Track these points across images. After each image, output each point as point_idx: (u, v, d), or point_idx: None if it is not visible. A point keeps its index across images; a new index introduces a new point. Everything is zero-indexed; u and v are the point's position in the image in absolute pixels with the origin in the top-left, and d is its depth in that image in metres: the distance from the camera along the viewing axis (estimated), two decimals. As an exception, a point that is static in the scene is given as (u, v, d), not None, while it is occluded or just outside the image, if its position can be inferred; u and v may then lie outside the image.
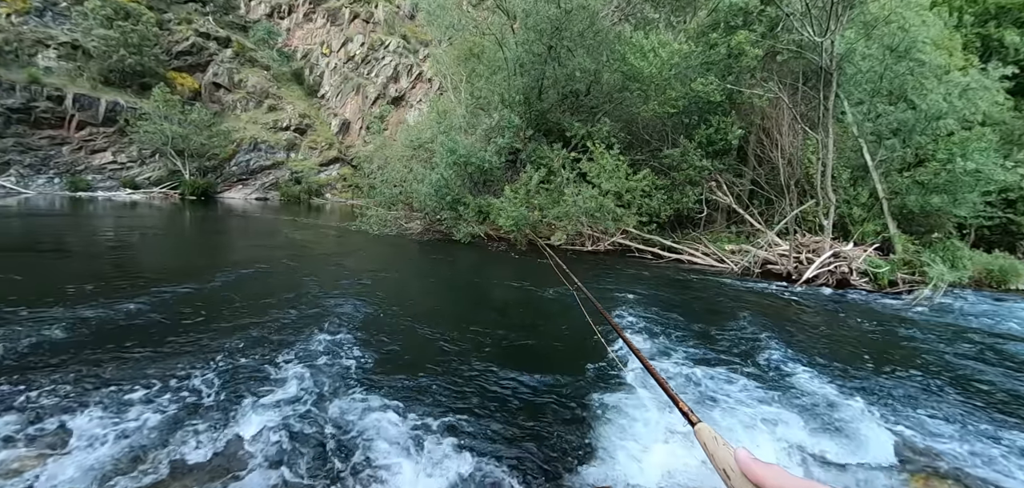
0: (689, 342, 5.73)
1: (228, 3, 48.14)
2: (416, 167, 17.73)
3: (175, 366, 4.21)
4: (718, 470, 0.86)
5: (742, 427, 3.67)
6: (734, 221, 14.72)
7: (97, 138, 32.16)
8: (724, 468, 0.83)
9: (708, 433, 0.95)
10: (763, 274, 11.24)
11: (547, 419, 3.69)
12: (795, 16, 11.98)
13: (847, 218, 12.58)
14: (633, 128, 16.24)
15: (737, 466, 0.78)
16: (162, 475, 2.78)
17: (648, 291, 8.85)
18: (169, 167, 34.64)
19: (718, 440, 0.91)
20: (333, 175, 44.36)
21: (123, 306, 5.91)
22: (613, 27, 17.46)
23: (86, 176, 31.09)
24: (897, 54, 11.88)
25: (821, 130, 11.73)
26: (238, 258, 11.42)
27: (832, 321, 7.64)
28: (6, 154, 27.92)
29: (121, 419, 3.30)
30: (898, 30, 11.69)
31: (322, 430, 3.34)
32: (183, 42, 39.69)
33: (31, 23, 31.52)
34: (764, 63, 14.48)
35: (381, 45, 49.41)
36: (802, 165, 13.38)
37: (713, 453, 0.90)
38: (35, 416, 3.26)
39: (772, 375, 4.80)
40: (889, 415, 4.05)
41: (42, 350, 4.41)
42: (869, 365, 5.31)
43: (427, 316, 6.55)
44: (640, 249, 13.64)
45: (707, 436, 0.94)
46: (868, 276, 10.38)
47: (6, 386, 3.62)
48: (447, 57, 23.79)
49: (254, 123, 41.33)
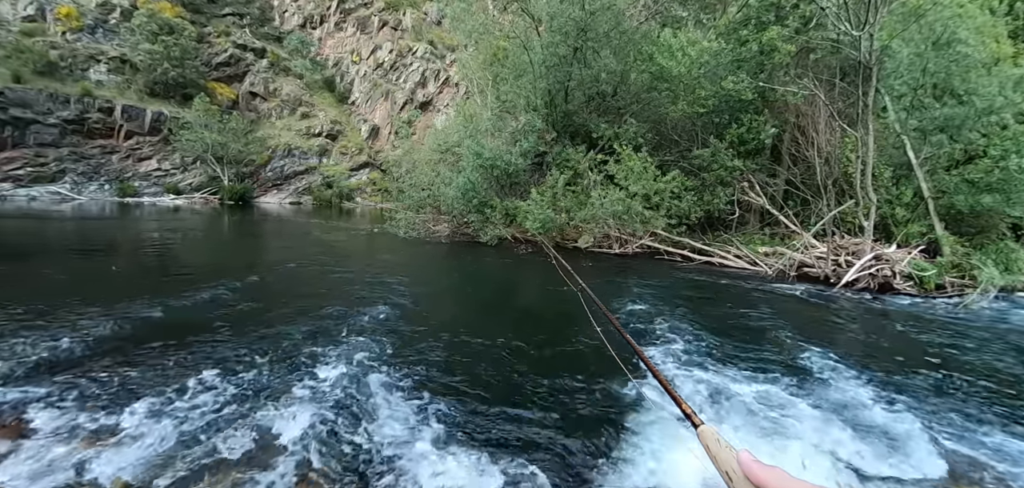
0: (722, 348, 5.59)
1: (264, 15, 49.92)
2: (443, 170, 17.91)
3: (217, 361, 4.40)
4: (721, 472, 0.86)
5: (779, 440, 3.53)
6: (767, 222, 14.28)
7: (143, 146, 33.83)
8: (727, 470, 0.83)
9: (711, 435, 0.95)
10: (799, 277, 10.86)
11: (558, 423, 3.69)
12: (830, 10, 11.54)
13: (889, 219, 12.01)
14: (661, 128, 15.97)
15: (739, 468, 0.78)
16: (202, 464, 2.91)
17: (678, 294, 8.69)
18: (209, 173, 36.10)
19: (720, 442, 0.91)
20: (363, 179, 45.29)
21: (169, 304, 6.22)
22: (640, 26, 17.23)
23: (133, 182, 32.75)
24: (940, 45, 11.28)
25: (860, 127, 11.25)
26: (274, 259, 11.81)
27: (875, 326, 7.31)
28: (61, 162, 29.68)
29: (167, 410, 3.49)
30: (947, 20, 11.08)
31: (353, 427, 3.42)
32: (222, 54, 41.35)
33: (84, 40, 33.46)
34: (798, 59, 14.01)
35: (409, 51, 50.24)
36: (840, 164, 12.86)
37: (716, 455, 0.90)
38: (88, 407, 3.47)
39: (811, 384, 4.63)
40: (939, 428, 3.83)
41: (94, 345, 4.67)
42: (916, 374, 5.05)
43: (453, 317, 6.62)
44: (669, 251, 13.40)
45: (710, 438, 0.94)
46: (913, 279, 9.88)
47: (62, 379, 3.85)
48: (473, 61, 23.99)
49: (288, 130, 42.66)
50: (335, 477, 2.92)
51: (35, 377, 3.90)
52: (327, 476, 2.92)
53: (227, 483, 2.78)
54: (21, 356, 4.25)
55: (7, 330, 4.87)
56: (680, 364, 4.98)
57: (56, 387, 3.73)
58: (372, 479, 2.91)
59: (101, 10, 35.18)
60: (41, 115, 28.49)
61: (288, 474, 2.89)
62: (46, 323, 5.17)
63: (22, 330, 4.89)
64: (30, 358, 4.24)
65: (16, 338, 4.65)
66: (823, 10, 11.87)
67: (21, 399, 3.51)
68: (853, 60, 11.58)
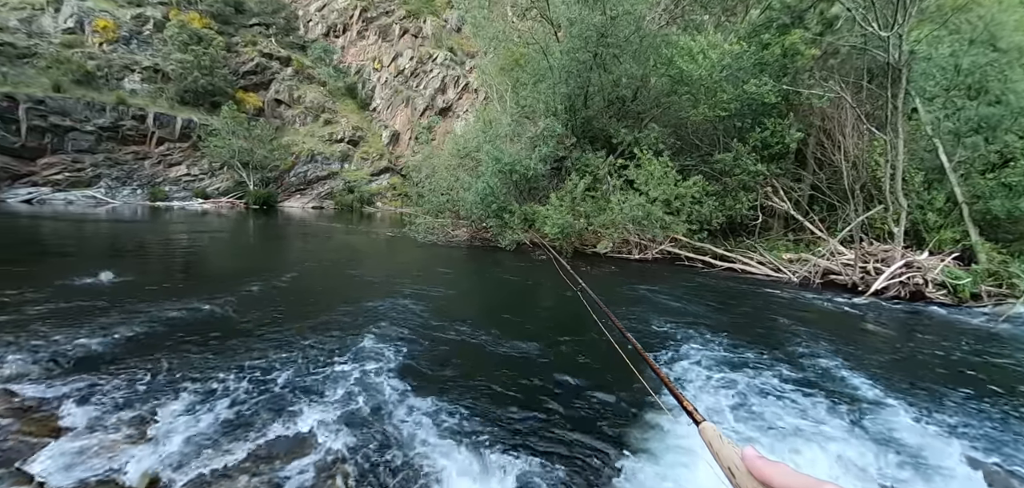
0: (744, 356, 5.48)
1: (289, 25, 51.20)
2: (462, 176, 18.03)
3: (242, 359, 4.54)
4: (722, 468, 0.84)
5: (806, 452, 3.43)
6: (792, 228, 13.96)
7: (174, 152, 34.97)
8: (729, 466, 0.82)
9: (712, 432, 0.94)
10: (825, 285, 10.58)
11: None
12: (857, 11, 11.26)
13: (921, 225, 11.62)
14: (682, 132, 15.78)
15: (743, 464, 0.77)
16: (227, 460, 3.00)
17: (699, 301, 8.56)
18: (235, 178, 37.08)
19: (722, 438, 0.90)
20: (383, 184, 45.91)
21: (196, 304, 6.41)
22: (660, 30, 17.09)
23: (164, 187, 33.86)
24: (978, 42, 10.88)
25: (889, 130, 10.93)
26: (298, 262, 12.04)
27: (906, 337, 7.07)
28: (97, 168, 30.89)
29: (195, 407, 3.61)
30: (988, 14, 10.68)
31: (373, 426, 3.48)
32: (249, 62, 42.53)
33: (120, 50, 34.83)
34: (823, 61, 13.70)
35: (429, 58, 50.87)
36: (868, 168, 12.49)
37: (717, 451, 0.88)
38: (118, 403, 3.61)
39: (839, 395, 4.49)
40: (976, 446, 3.67)
41: (127, 343, 4.84)
42: (952, 387, 4.85)
43: (469, 320, 6.64)
44: (690, 257, 13.21)
45: (711, 434, 0.93)
46: (946, 288, 9.52)
47: (95, 375, 4.00)
48: (492, 67, 24.14)
49: (311, 136, 43.56)
50: (357, 472, 2.96)
51: (70, 374, 4.05)
52: (349, 470, 2.98)
53: (250, 480, 2.85)
54: (56, 353, 4.43)
55: (45, 327, 5.09)
56: (701, 371, 4.90)
57: (88, 384, 3.87)
58: (393, 475, 2.95)
59: (136, 22, 36.57)
60: (79, 122, 29.71)
61: (312, 470, 2.95)
62: (80, 321, 5.38)
63: (60, 327, 5.10)
64: (66, 355, 4.42)
65: (54, 335, 4.86)
66: (849, 11, 11.59)
67: (56, 394, 3.66)
68: (880, 62, 11.26)
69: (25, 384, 3.81)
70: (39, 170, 28.17)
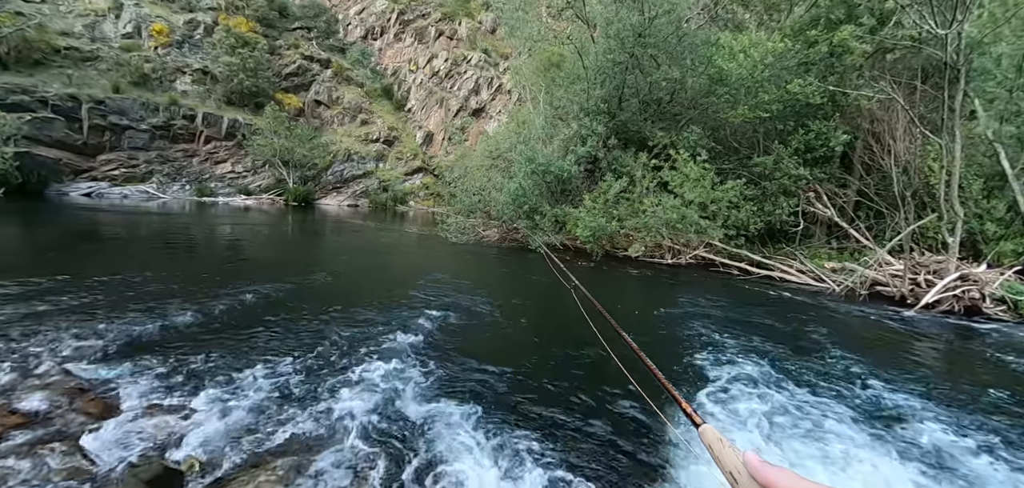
0: (782, 368, 5.29)
1: (329, 28, 52.75)
2: (495, 176, 18.14)
3: (279, 351, 4.73)
4: (724, 473, 0.83)
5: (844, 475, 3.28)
6: (835, 236, 13.35)
7: (220, 151, 36.64)
8: (731, 470, 0.81)
9: (713, 435, 0.92)
10: (871, 296, 10.09)
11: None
12: (912, 7, 10.68)
13: (978, 235, 10.91)
14: (719, 134, 15.30)
15: (745, 469, 0.76)
16: (266, 445, 3.14)
17: (733, 310, 8.32)
18: (276, 176, 38.50)
19: (723, 442, 0.89)
20: (417, 184, 46.65)
21: (241, 295, 6.72)
22: (700, 29, 16.69)
23: (210, 184, 35.51)
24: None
25: (945, 134, 10.30)
26: (335, 257, 12.42)
27: (961, 355, 6.68)
28: (150, 164, 32.72)
29: (237, 393, 3.80)
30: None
31: (397, 423, 3.57)
32: (291, 65, 44.08)
33: (173, 53, 36.77)
34: (873, 61, 13.05)
35: (463, 60, 51.39)
36: (921, 174, 11.80)
37: (719, 455, 0.87)
38: (166, 386, 3.82)
39: (885, 414, 4.28)
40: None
41: (172, 331, 5.13)
42: (1013, 412, 4.54)
43: (489, 321, 6.68)
44: (726, 263, 12.85)
45: (712, 438, 0.92)
46: (1006, 303, 8.91)
47: (146, 359, 4.26)
48: (526, 69, 24.18)
49: (348, 136, 44.74)
50: (385, 464, 3.04)
51: (123, 356, 4.32)
52: (375, 461, 3.07)
53: (288, 464, 2.96)
54: (112, 337, 4.72)
55: (102, 313, 5.43)
56: (734, 384, 4.77)
57: (140, 367, 4.11)
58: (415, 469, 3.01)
59: (188, 27, 38.50)
60: (134, 122, 31.54)
61: (345, 461, 3.05)
62: (134, 307, 5.73)
63: (114, 312, 5.44)
64: (119, 339, 4.71)
65: (111, 319, 5.19)
66: (903, 8, 11.01)
67: (109, 376, 3.89)
68: (937, 61, 10.64)
69: (82, 365, 4.07)
70: (98, 166, 30.02)
